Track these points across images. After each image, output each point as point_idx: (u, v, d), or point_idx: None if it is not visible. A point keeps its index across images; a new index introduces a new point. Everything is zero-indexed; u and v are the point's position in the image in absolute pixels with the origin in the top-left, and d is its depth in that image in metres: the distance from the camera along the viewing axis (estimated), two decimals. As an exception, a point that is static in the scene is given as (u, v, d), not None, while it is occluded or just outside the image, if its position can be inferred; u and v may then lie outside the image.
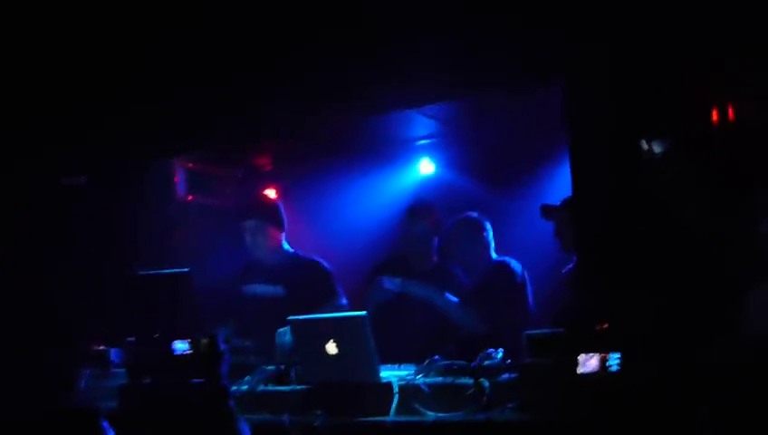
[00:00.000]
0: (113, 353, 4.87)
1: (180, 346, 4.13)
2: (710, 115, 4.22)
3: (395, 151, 6.85)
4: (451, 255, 5.57)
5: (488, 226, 5.53)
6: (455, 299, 5.23)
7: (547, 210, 5.15)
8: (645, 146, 4.16)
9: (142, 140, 5.52)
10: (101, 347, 4.93)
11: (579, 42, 4.41)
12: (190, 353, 4.08)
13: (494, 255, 5.52)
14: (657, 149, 4.18)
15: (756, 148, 4.16)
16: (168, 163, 6.30)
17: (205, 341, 4.04)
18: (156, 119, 5.43)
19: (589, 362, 3.61)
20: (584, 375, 3.63)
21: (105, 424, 4.05)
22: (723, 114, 4.28)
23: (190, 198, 6.53)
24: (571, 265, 5.10)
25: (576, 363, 3.63)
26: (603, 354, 3.58)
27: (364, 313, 4.12)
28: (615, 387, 3.53)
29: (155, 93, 5.35)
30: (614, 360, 3.57)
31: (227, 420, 4.04)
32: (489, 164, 6.49)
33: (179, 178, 6.37)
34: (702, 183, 4.20)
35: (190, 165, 6.44)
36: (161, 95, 5.36)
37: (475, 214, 5.58)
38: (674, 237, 4.09)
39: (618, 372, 3.56)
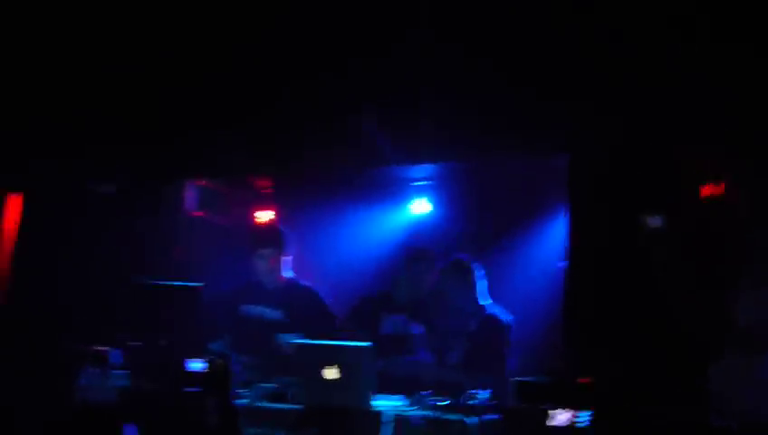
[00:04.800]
0: (114, 355, 5.04)
1: (196, 365, 4.34)
2: (698, 193, 4.55)
3: (392, 189, 7.06)
4: (441, 295, 5.71)
5: (477, 268, 5.65)
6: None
7: None
8: (642, 220, 4.46)
9: (162, 161, 5.77)
10: (103, 348, 5.11)
11: (587, 120, 4.73)
12: (206, 372, 4.30)
13: (483, 300, 5.64)
14: (651, 223, 4.49)
15: (738, 224, 4.49)
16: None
17: (220, 361, 4.27)
18: (175, 145, 5.72)
19: (560, 417, 3.89)
20: (555, 428, 3.89)
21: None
22: (710, 193, 4.62)
23: (198, 213, 6.76)
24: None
25: (546, 415, 3.89)
26: (574, 410, 3.85)
27: (371, 344, 4.38)
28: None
29: (176, 124, 5.66)
30: (584, 417, 3.85)
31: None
32: (485, 208, 6.63)
33: (189, 194, 6.58)
34: (687, 256, 4.52)
35: (201, 182, 6.66)
36: (181, 126, 5.66)
37: (464, 256, 5.71)
38: (656, 305, 4.40)
39: (585, 428, 3.83)
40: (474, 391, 4.56)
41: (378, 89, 5.21)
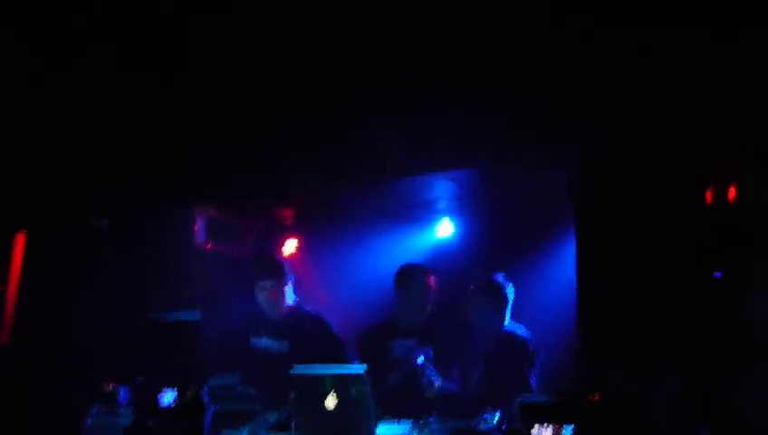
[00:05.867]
0: (122, 393, 4.97)
1: (167, 397, 4.24)
2: (712, 195, 4.33)
3: (414, 212, 6.97)
4: (468, 314, 5.58)
5: (508, 290, 5.50)
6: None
7: None
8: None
9: (165, 188, 5.69)
10: (111, 386, 5.05)
11: (594, 124, 4.56)
12: (175, 405, 4.19)
13: (507, 321, 5.49)
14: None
15: (749, 227, 4.27)
16: (190, 211, 6.46)
17: (190, 392, 4.15)
18: (180, 169, 5.62)
19: (543, 433, 3.70)
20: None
21: None
22: (718, 195, 4.41)
23: (209, 246, 6.69)
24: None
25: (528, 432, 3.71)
26: (558, 426, 3.66)
27: (363, 368, 4.22)
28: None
29: (181, 146, 5.57)
30: (568, 432, 3.66)
31: None
32: (506, 229, 6.57)
33: (199, 226, 6.52)
34: (702, 262, 4.30)
35: (212, 214, 6.59)
36: (187, 148, 5.58)
37: (498, 277, 5.55)
38: (669, 317, 4.18)
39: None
40: (486, 416, 4.36)
41: (390, 100, 5.10)
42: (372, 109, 5.20)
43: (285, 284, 5.65)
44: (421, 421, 4.36)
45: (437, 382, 5.20)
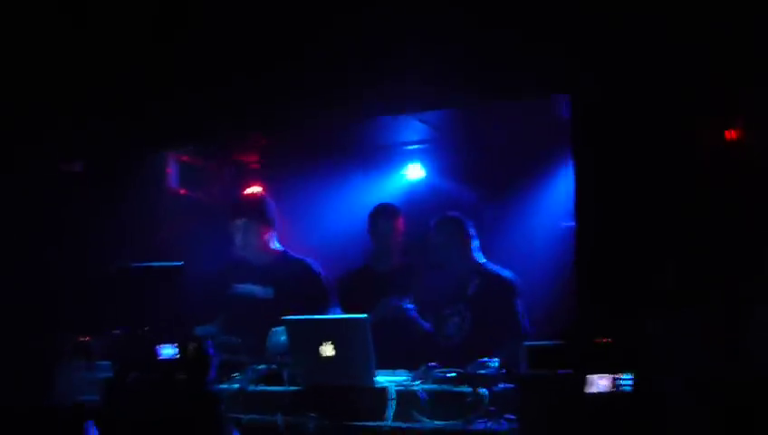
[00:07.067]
0: (98, 345, 4.74)
1: (167, 350, 4.04)
2: (720, 134, 4.23)
3: (384, 155, 6.81)
4: (433, 254, 5.48)
5: (469, 225, 5.44)
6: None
7: None
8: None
9: (137, 131, 5.41)
10: (85, 338, 4.81)
11: (588, 57, 4.41)
12: (178, 358, 3.99)
13: (479, 257, 5.42)
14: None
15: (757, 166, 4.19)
16: (162, 155, 6.19)
17: (193, 345, 3.96)
18: (152, 112, 5.34)
19: (599, 382, 3.57)
20: (593, 394, 3.59)
21: (89, 425, 3.98)
22: (727, 135, 4.32)
23: (183, 191, 6.42)
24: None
25: (583, 380, 3.58)
26: (615, 374, 3.54)
27: (365, 316, 4.06)
28: (626, 408, 3.50)
29: (154, 88, 5.29)
30: (626, 380, 3.53)
31: (217, 425, 3.98)
32: (480, 170, 6.46)
33: (172, 171, 6.26)
34: (704, 203, 4.21)
35: (184, 158, 6.33)
36: (160, 90, 5.30)
37: (455, 213, 5.51)
38: (679, 255, 4.09)
39: (630, 392, 3.52)
40: (484, 360, 4.24)
41: (363, 40, 4.88)
42: (345, 48, 4.98)
43: (260, 222, 5.40)
44: (421, 368, 4.20)
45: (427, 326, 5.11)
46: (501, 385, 3.97)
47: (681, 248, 4.15)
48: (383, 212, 5.59)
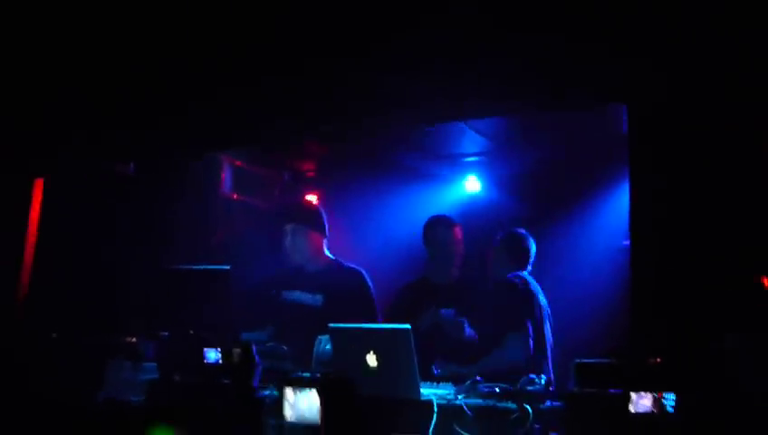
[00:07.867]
0: (146, 347, 4.75)
1: (212, 355, 4.03)
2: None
3: (442, 167, 6.77)
4: (491, 270, 5.42)
5: (529, 243, 5.34)
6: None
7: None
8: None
9: (191, 133, 5.43)
10: (134, 339, 4.83)
11: (645, 66, 4.29)
12: (223, 362, 3.98)
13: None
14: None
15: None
16: (217, 159, 6.20)
17: (238, 351, 3.93)
18: (207, 115, 5.35)
19: (642, 401, 3.45)
20: (637, 414, 3.48)
21: None
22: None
23: (235, 196, 6.43)
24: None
25: (628, 399, 3.47)
26: (658, 393, 3.42)
27: (408, 326, 3.99)
28: (669, 429, 3.38)
29: (209, 90, 5.29)
30: (670, 400, 3.41)
31: (258, 431, 3.95)
32: (537, 184, 6.39)
33: (226, 176, 6.27)
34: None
35: (238, 163, 6.34)
36: (214, 93, 5.30)
37: (521, 230, 5.41)
38: (732, 273, 3.94)
39: (673, 413, 3.40)
40: (532, 376, 4.14)
41: (422, 48, 4.83)
42: (405, 54, 4.94)
43: (311, 228, 5.36)
44: (467, 383, 4.12)
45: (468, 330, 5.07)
46: (548, 402, 3.88)
47: (751, 263, 4.00)
48: (441, 221, 5.49)
